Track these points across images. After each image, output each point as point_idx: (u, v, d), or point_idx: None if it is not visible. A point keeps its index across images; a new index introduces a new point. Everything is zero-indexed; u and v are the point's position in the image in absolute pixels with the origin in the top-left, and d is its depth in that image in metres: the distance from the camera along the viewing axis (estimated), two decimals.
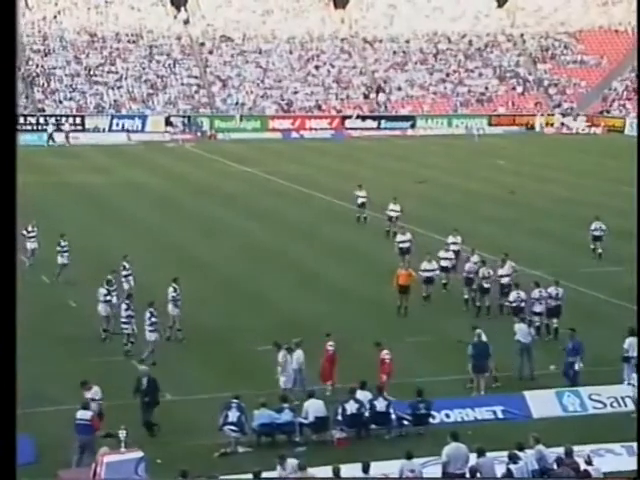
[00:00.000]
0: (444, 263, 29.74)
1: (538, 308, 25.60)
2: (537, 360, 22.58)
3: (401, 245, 32.37)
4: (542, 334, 24.96)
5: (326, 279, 31.33)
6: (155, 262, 32.66)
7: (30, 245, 32.01)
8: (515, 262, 28.18)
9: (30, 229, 32.11)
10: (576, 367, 21.59)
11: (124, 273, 27.73)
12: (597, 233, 33.72)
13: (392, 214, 37.34)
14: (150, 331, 23.15)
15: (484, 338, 21.78)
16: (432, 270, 28.58)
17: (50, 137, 68.10)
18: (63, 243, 30.89)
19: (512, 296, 25.93)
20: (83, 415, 17.95)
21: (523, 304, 25.57)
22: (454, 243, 31.43)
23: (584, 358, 21.61)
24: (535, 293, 25.84)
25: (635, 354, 21.14)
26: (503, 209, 43.63)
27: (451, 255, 30.37)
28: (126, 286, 27.35)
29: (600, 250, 33.49)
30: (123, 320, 23.98)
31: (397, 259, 31.57)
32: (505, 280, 27.21)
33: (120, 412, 19.14)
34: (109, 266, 27.84)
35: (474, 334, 21.81)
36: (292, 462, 16.24)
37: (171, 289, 25.14)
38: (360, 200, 40.32)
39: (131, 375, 21.90)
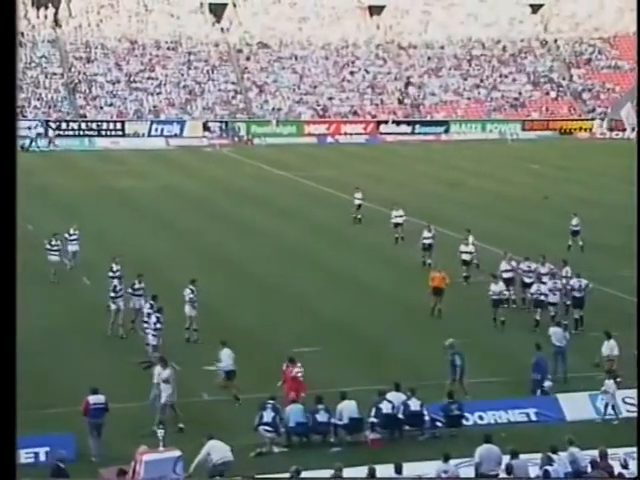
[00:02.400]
0: (465, 257, 30.90)
1: (552, 298, 26.37)
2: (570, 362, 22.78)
3: (424, 241, 33.30)
4: (561, 325, 24.62)
5: (361, 281, 31.77)
6: (192, 263, 33.11)
7: (72, 248, 32.68)
8: (552, 265, 28.61)
9: (72, 232, 32.83)
10: (545, 385, 21.37)
11: (110, 274, 27.96)
12: (576, 228, 36.04)
13: (397, 220, 37.43)
14: (154, 335, 23.41)
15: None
16: (499, 292, 27.01)
17: (32, 142, 67.24)
18: (54, 242, 31.55)
19: (533, 288, 26.74)
20: (97, 399, 18.69)
21: (543, 297, 26.43)
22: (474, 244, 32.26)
23: (550, 375, 21.44)
24: (549, 284, 26.65)
25: None
26: (536, 213, 44.11)
27: (471, 249, 31.24)
28: (112, 286, 27.51)
29: (581, 243, 35.71)
30: (145, 320, 24.26)
31: (421, 254, 32.75)
32: (545, 279, 27.79)
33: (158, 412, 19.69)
34: (147, 268, 28.55)
35: (449, 344, 21.73)
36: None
37: (188, 290, 25.41)
38: (357, 202, 41.68)
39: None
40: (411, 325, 27.20)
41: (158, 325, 23.47)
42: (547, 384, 21.38)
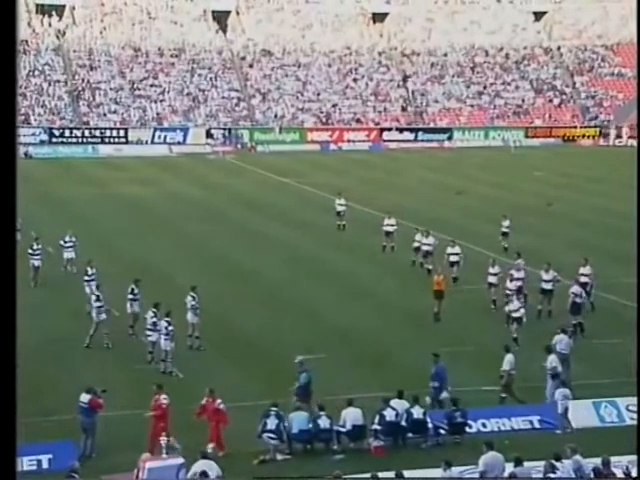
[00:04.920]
0: (453, 258, 31.62)
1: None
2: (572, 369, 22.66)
3: (423, 247, 33.54)
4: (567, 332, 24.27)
5: (364, 286, 31.84)
6: (194, 269, 33.14)
7: (67, 255, 32.63)
8: (556, 273, 28.59)
9: (67, 239, 32.77)
10: (443, 395, 20.71)
11: (86, 278, 28.01)
12: (506, 230, 36.54)
13: (388, 229, 37.20)
14: (165, 340, 23.41)
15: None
16: (517, 310, 26.08)
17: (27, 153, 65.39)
18: (35, 246, 31.36)
19: (573, 289, 26.86)
20: (83, 398, 18.95)
21: (578, 299, 26.58)
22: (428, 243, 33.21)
23: (447, 385, 20.90)
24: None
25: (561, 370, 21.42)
26: (540, 220, 44.12)
27: (457, 251, 31.75)
28: (87, 290, 27.77)
29: (506, 245, 36.02)
30: (148, 327, 24.20)
31: (422, 261, 32.95)
32: (548, 286, 28.03)
33: None
34: (150, 274, 28.67)
35: (298, 362, 21.07)
36: None
37: (190, 298, 25.33)
38: (339, 208, 41.56)
39: (173, 383, 22.53)
40: (415, 331, 27.18)
41: (170, 328, 23.47)
42: (444, 395, 20.76)
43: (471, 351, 25.04)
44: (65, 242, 32.84)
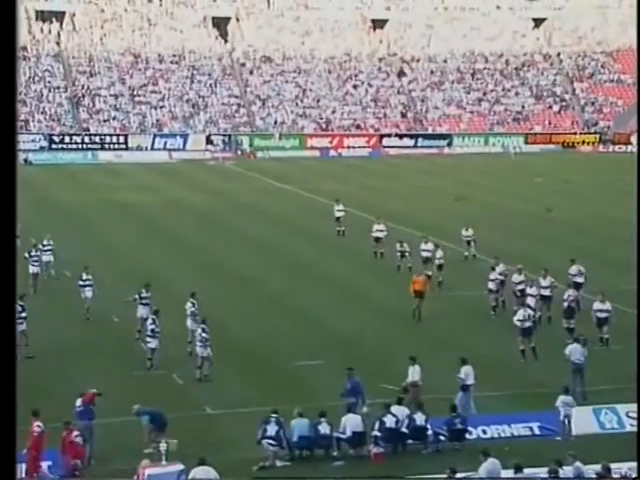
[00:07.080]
0: (438, 261, 32.56)
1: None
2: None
3: (423, 254, 33.57)
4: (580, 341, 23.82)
5: (363, 293, 31.82)
6: (194, 276, 33.11)
7: (45, 258, 32.40)
8: (554, 279, 28.54)
9: (45, 242, 32.69)
10: (364, 410, 19.91)
11: (80, 283, 28.20)
12: (469, 238, 37.19)
13: (378, 234, 37.18)
14: (200, 346, 23.24)
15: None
16: (527, 318, 25.29)
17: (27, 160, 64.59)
18: (34, 253, 31.23)
19: (565, 295, 26.86)
20: (78, 402, 19.13)
21: (573, 304, 26.63)
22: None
23: (364, 400, 20.34)
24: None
25: (471, 382, 21.11)
26: (540, 226, 44.12)
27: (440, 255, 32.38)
28: (83, 296, 27.96)
29: (474, 252, 36.69)
30: (148, 334, 24.08)
31: (420, 267, 32.70)
32: (546, 292, 28.08)
33: None
34: (150, 281, 28.27)
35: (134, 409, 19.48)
36: None
37: (189, 304, 25.24)
38: (337, 214, 41.76)
39: (172, 388, 22.73)
40: (415, 336, 27.15)
41: (204, 335, 23.21)
42: (365, 409, 20.10)
43: (471, 356, 24.97)
44: (44, 245, 32.66)
